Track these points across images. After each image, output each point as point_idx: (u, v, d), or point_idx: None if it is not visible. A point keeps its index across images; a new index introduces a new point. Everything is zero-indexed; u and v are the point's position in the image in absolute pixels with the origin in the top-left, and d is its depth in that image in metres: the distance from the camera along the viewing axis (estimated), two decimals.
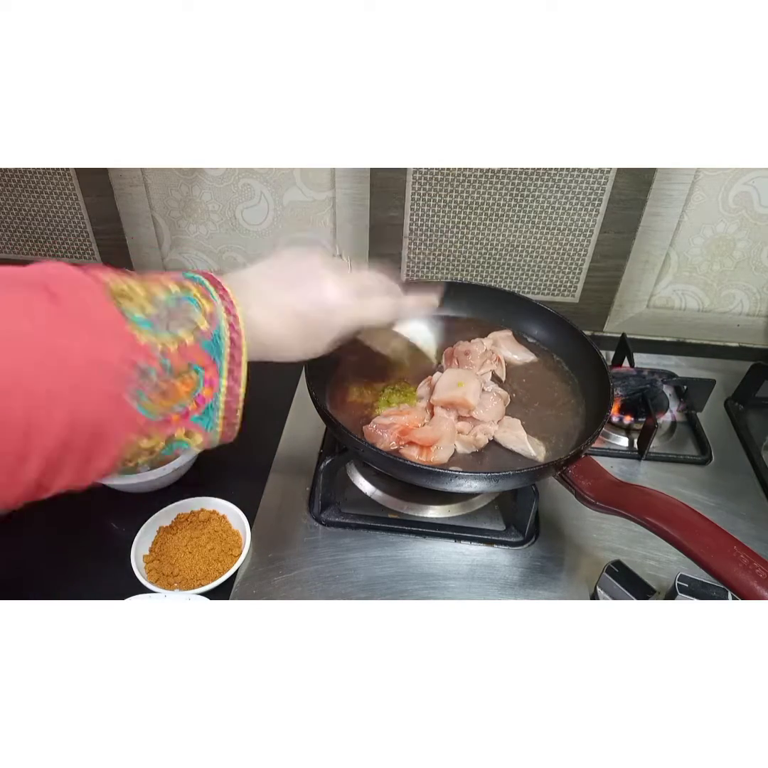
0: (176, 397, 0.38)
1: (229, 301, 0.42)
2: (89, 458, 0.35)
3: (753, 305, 0.96)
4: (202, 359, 0.39)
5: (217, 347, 0.40)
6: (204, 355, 0.40)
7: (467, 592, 0.63)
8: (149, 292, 0.38)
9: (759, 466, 0.77)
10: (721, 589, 0.54)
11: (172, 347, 0.38)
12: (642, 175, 0.85)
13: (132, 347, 0.36)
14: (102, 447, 0.36)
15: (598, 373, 0.70)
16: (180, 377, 0.38)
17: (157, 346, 0.37)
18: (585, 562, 0.66)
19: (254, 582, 0.62)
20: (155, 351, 0.37)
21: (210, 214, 0.96)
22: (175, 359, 0.38)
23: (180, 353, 0.38)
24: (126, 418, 0.36)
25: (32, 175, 0.94)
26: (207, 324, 0.40)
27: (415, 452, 0.63)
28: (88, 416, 0.34)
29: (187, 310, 0.40)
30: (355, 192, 0.91)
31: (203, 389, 0.40)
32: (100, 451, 0.36)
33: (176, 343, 0.38)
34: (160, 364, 0.37)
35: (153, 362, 0.37)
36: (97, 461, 0.36)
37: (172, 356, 0.38)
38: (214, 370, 0.40)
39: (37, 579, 0.62)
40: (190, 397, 0.39)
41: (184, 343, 0.38)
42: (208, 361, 0.40)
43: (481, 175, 0.87)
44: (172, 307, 0.39)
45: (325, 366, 0.72)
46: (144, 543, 0.63)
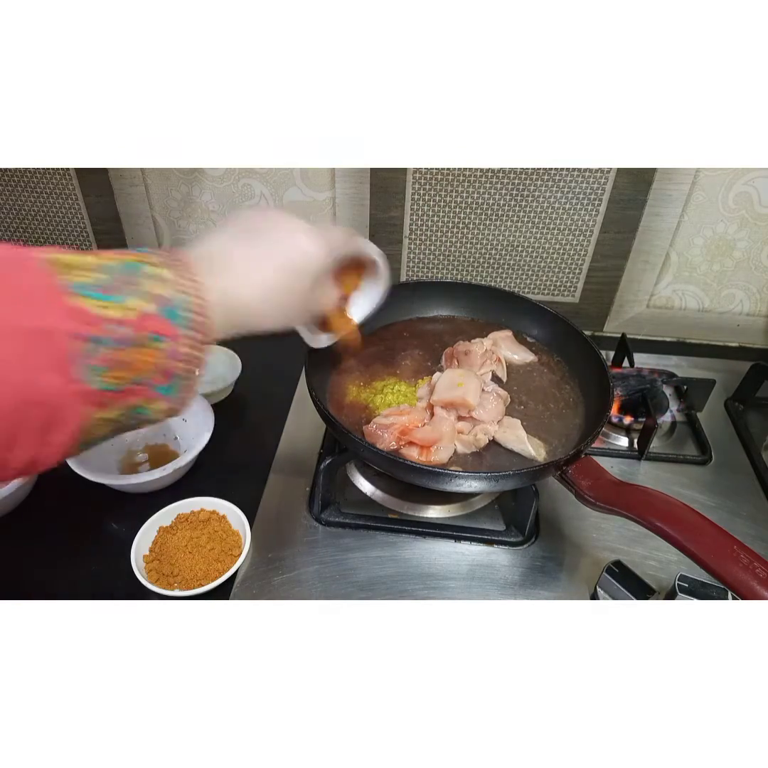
0: (138, 368, 0.36)
1: (189, 265, 0.40)
2: (45, 433, 0.34)
3: (753, 305, 0.97)
4: (162, 327, 0.37)
5: (179, 315, 0.38)
6: (164, 323, 0.37)
7: (467, 592, 0.63)
8: (99, 262, 0.36)
9: (759, 466, 0.77)
10: (721, 589, 0.54)
11: (126, 315, 0.35)
12: (642, 175, 0.85)
13: (76, 317, 0.34)
14: (56, 422, 0.34)
15: (598, 373, 0.70)
16: (139, 346, 0.36)
17: (108, 314, 0.35)
18: (585, 562, 0.66)
19: (254, 582, 0.62)
20: (104, 319, 0.35)
21: (210, 214, 0.96)
22: (131, 327, 0.35)
23: (137, 321, 0.36)
24: (77, 391, 0.34)
25: (32, 175, 0.94)
26: (169, 290, 0.38)
27: (415, 452, 0.63)
28: (34, 390, 0.33)
29: (144, 276, 0.37)
30: (355, 192, 0.91)
31: (166, 360, 0.38)
32: (56, 426, 0.34)
33: (133, 311, 0.36)
34: (113, 333, 0.35)
35: (101, 331, 0.34)
36: (54, 436, 0.34)
37: (127, 324, 0.35)
38: (177, 339, 0.38)
39: (37, 579, 0.62)
40: (152, 366, 0.37)
41: (143, 311, 0.36)
42: (170, 329, 0.37)
43: (481, 175, 0.87)
44: (125, 274, 0.36)
45: (325, 366, 0.72)
46: (144, 543, 0.63)
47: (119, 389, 0.36)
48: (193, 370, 0.40)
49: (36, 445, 0.34)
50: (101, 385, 0.35)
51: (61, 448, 0.35)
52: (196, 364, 0.40)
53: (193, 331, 0.39)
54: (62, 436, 0.35)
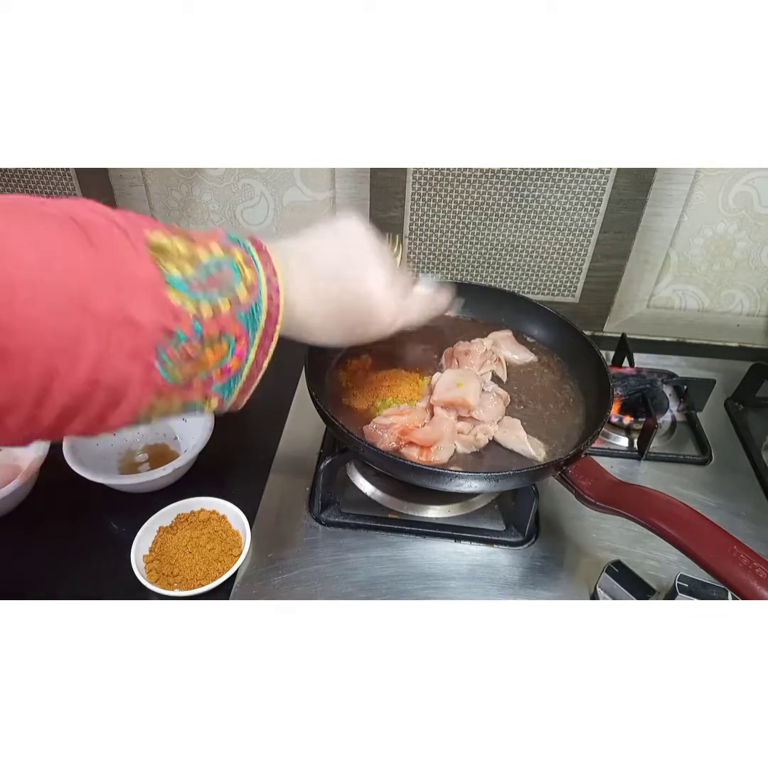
0: (203, 364, 0.37)
1: (272, 270, 0.40)
2: (104, 415, 0.35)
3: (753, 305, 0.96)
4: (235, 329, 0.38)
5: (253, 319, 0.39)
6: (238, 325, 0.38)
7: (467, 592, 0.63)
8: (192, 253, 0.37)
9: (759, 466, 0.77)
10: (721, 589, 0.54)
11: (206, 314, 0.36)
12: (642, 175, 0.85)
13: (165, 309, 0.34)
14: (119, 406, 0.35)
15: (598, 373, 0.70)
16: (210, 345, 0.37)
17: (192, 310, 0.35)
18: (585, 562, 0.66)
19: (254, 582, 0.62)
20: (188, 315, 0.35)
21: (210, 214, 0.96)
22: (208, 326, 0.36)
23: (214, 321, 0.37)
24: (148, 380, 0.35)
25: (32, 175, 0.94)
26: (246, 294, 0.38)
27: (415, 452, 0.63)
28: (111, 373, 0.33)
29: (229, 277, 0.38)
30: (355, 192, 0.91)
31: (231, 359, 0.39)
32: (116, 409, 0.35)
33: (211, 311, 0.36)
34: (192, 330, 0.36)
35: (184, 327, 0.35)
36: (111, 419, 0.35)
37: (206, 323, 0.36)
38: (246, 342, 0.39)
39: (37, 579, 0.62)
40: (217, 366, 0.38)
41: (220, 311, 0.37)
42: (242, 332, 0.38)
43: (481, 175, 0.87)
44: (213, 272, 0.37)
45: (325, 366, 0.72)
46: (144, 543, 0.63)
47: (185, 384, 0.37)
48: (255, 375, 0.41)
49: (91, 424, 0.35)
50: (170, 379, 0.36)
51: (110, 428, 0.36)
52: (259, 368, 0.41)
53: (263, 337, 0.40)
54: (118, 419, 0.36)
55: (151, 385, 0.35)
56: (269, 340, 0.40)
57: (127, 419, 0.36)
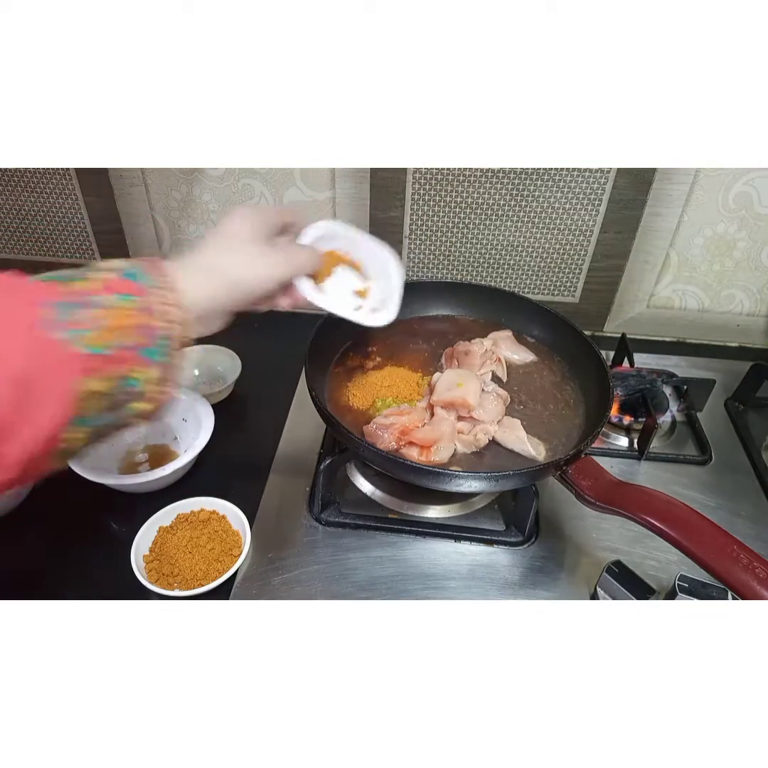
0: (119, 328, 0.38)
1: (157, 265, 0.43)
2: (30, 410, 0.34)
3: (753, 305, 0.96)
4: (128, 287, 0.40)
5: (143, 276, 0.41)
6: (129, 284, 0.40)
7: (467, 592, 0.63)
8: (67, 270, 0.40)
9: (759, 466, 0.77)
10: (721, 589, 0.54)
11: (92, 285, 0.38)
12: (642, 175, 0.85)
13: (39, 292, 0.36)
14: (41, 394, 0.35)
15: (598, 373, 0.70)
16: (113, 308, 0.38)
17: (74, 288, 0.38)
18: (585, 562, 0.66)
19: (254, 582, 0.62)
20: (70, 292, 0.37)
21: (210, 214, 0.96)
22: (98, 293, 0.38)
23: (104, 287, 0.39)
24: (61, 358, 0.36)
25: (32, 175, 0.94)
26: (128, 265, 0.41)
27: (415, 452, 0.63)
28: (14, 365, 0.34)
29: (106, 266, 0.40)
30: (355, 192, 0.91)
31: (142, 316, 0.39)
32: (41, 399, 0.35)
33: (97, 282, 0.39)
34: (82, 299, 0.37)
35: (69, 298, 0.37)
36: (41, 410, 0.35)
37: (94, 291, 0.38)
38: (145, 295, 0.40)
39: (37, 579, 0.62)
40: (135, 330, 0.39)
41: (106, 279, 0.39)
42: (135, 288, 0.40)
43: (481, 175, 0.87)
44: (87, 269, 0.40)
45: (325, 366, 0.72)
46: (144, 543, 0.63)
47: (106, 353, 0.37)
48: (173, 328, 0.41)
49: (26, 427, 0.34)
50: (88, 348, 0.36)
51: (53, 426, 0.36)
52: (173, 320, 0.41)
53: (161, 289, 0.41)
54: (50, 408, 0.35)
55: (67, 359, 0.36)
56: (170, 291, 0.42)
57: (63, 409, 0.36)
